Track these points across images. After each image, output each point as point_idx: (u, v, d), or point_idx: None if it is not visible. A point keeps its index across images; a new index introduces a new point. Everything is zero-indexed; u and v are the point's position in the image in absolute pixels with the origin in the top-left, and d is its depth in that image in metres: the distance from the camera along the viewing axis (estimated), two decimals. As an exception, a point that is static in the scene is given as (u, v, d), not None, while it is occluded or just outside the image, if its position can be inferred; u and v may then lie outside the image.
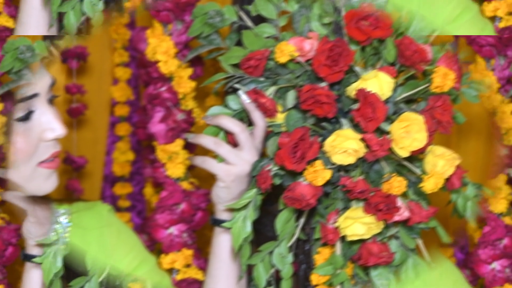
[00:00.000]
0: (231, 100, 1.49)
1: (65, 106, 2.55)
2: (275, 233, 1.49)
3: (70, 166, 2.52)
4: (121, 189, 2.64)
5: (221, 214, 1.51)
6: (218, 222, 1.51)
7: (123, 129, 2.60)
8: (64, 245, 1.46)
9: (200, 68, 1.80)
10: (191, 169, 1.77)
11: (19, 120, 1.36)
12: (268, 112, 1.44)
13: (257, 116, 1.46)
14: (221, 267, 1.51)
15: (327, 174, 1.38)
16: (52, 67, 2.46)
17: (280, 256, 1.46)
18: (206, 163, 1.48)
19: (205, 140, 1.49)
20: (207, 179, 1.58)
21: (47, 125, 1.40)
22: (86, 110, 2.55)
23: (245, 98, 1.47)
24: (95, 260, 1.46)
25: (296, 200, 1.39)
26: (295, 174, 1.41)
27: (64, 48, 1.52)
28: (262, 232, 1.75)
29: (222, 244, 1.51)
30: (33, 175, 1.41)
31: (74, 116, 2.54)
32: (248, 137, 1.46)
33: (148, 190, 2.22)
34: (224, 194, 1.48)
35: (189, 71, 1.70)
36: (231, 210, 1.48)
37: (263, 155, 1.51)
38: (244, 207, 1.45)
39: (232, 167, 1.46)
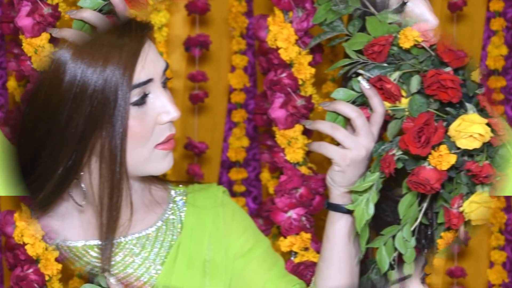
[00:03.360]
0: (355, 83, 1.50)
1: (187, 93, 2.62)
2: (394, 218, 1.50)
3: (191, 151, 2.59)
4: (237, 174, 2.68)
5: (336, 198, 1.52)
6: (333, 206, 1.53)
7: (238, 115, 2.65)
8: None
9: (319, 54, 1.81)
10: (309, 154, 1.80)
11: (134, 105, 1.40)
12: (393, 98, 1.45)
13: (376, 102, 1.47)
14: (335, 250, 1.53)
15: (452, 159, 1.38)
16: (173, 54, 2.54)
17: (403, 240, 1.46)
18: (322, 147, 1.51)
19: (322, 125, 1.51)
20: (325, 165, 1.60)
21: (162, 108, 1.44)
22: (206, 97, 2.61)
23: (364, 84, 1.48)
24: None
25: (421, 185, 1.39)
26: (419, 159, 1.42)
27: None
28: (381, 217, 1.75)
29: (336, 228, 1.53)
30: (151, 157, 1.45)
31: (195, 102, 2.60)
32: (364, 122, 1.47)
33: (265, 175, 2.25)
34: (339, 179, 1.50)
35: (309, 57, 1.71)
36: (350, 193, 1.49)
37: (382, 139, 1.51)
38: (367, 190, 1.46)
39: (348, 152, 1.47)
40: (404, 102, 1.46)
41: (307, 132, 1.76)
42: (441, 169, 1.38)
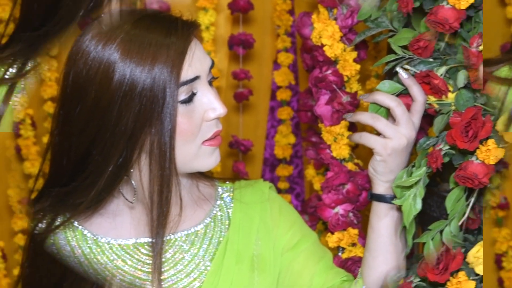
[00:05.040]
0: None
1: (230, 91, 2.63)
2: (440, 214, 1.49)
3: (237, 149, 2.61)
4: (283, 171, 2.69)
5: (379, 189, 1.52)
6: (376, 197, 1.53)
7: (284, 113, 2.65)
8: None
9: (364, 51, 1.81)
10: (355, 150, 1.80)
11: (182, 103, 1.43)
12: (441, 93, 1.45)
13: (416, 91, 1.47)
14: (380, 241, 1.53)
15: (500, 153, 1.37)
16: (218, 53, 2.56)
17: (451, 234, 1.46)
18: (364, 138, 1.51)
19: (363, 116, 1.51)
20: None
21: (209, 105, 1.46)
22: (251, 95, 2.62)
23: (403, 74, 1.48)
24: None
25: (468, 179, 1.39)
26: (466, 153, 1.42)
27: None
28: (427, 212, 1.75)
29: (381, 218, 1.53)
30: (198, 153, 1.47)
31: (239, 100, 2.61)
32: (404, 112, 1.46)
33: (310, 172, 2.25)
34: (381, 168, 1.50)
35: (354, 54, 1.72)
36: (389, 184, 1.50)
37: (427, 134, 1.51)
38: (414, 184, 1.46)
39: (389, 141, 1.47)
40: (450, 97, 1.46)
41: (352, 128, 1.76)
42: (489, 163, 1.38)
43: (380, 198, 1.52)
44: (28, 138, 2.58)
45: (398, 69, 1.48)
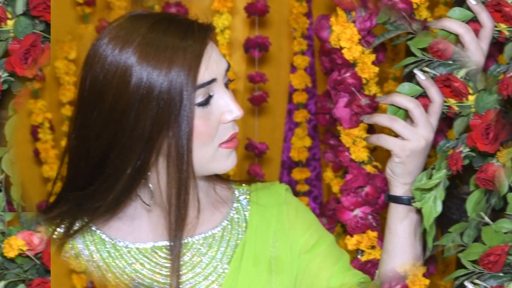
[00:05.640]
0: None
1: (247, 94, 2.63)
2: (460, 216, 1.49)
3: (252, 152, 2.61)
4: (299, 174, 2.68)
5: (397, 191, 1.52)
6: (394, 198, 1.53)
7: (301, 115, 2.65)
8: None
9: (382, 53, 1.81)
10: (374, 153, 1.79)
11: (199, 105, 1.43)
12: (461, 95, 1.44)
13: (434, 92, 1.46)
14: (398, 242, 1.53)
15: (521, 155, 1.37)
16: (234, 56, 2.56)
17: (471, 237, 1.46)
18: (381, 139, 1.50)
19: (380, 118, 1.51)
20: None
21: (225, 107, 1.47)
22: (268, 98, 2.61)
23: (420, 76, 1.47)
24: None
25: (489, 182, 1.38)
26: (486, 156, 1.41)
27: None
28: (447, 215, 1.74)
29: (400, 220, 1.52)
30: (215, 156, 1.48)
31: (256, 104, 2.61)
32: (422, 113, 1.46)
33: (328, 174, 2.25)
34: (399, 170, 1.49)
35: (372, 57, 1.71)
36: (410, 184, 1.48)
37: (446, 137, 1.50)
38: (435, 187, 1.46)
39: (408, 143, 1.46)
40: (470, 99, 1.45)
41: (371, 131, 1.76)
42: (510, 166, 1.37)
43: (398, 200, 1.52)
44: (46, 141, 2.59)
45: (415, 70, 1.48)
